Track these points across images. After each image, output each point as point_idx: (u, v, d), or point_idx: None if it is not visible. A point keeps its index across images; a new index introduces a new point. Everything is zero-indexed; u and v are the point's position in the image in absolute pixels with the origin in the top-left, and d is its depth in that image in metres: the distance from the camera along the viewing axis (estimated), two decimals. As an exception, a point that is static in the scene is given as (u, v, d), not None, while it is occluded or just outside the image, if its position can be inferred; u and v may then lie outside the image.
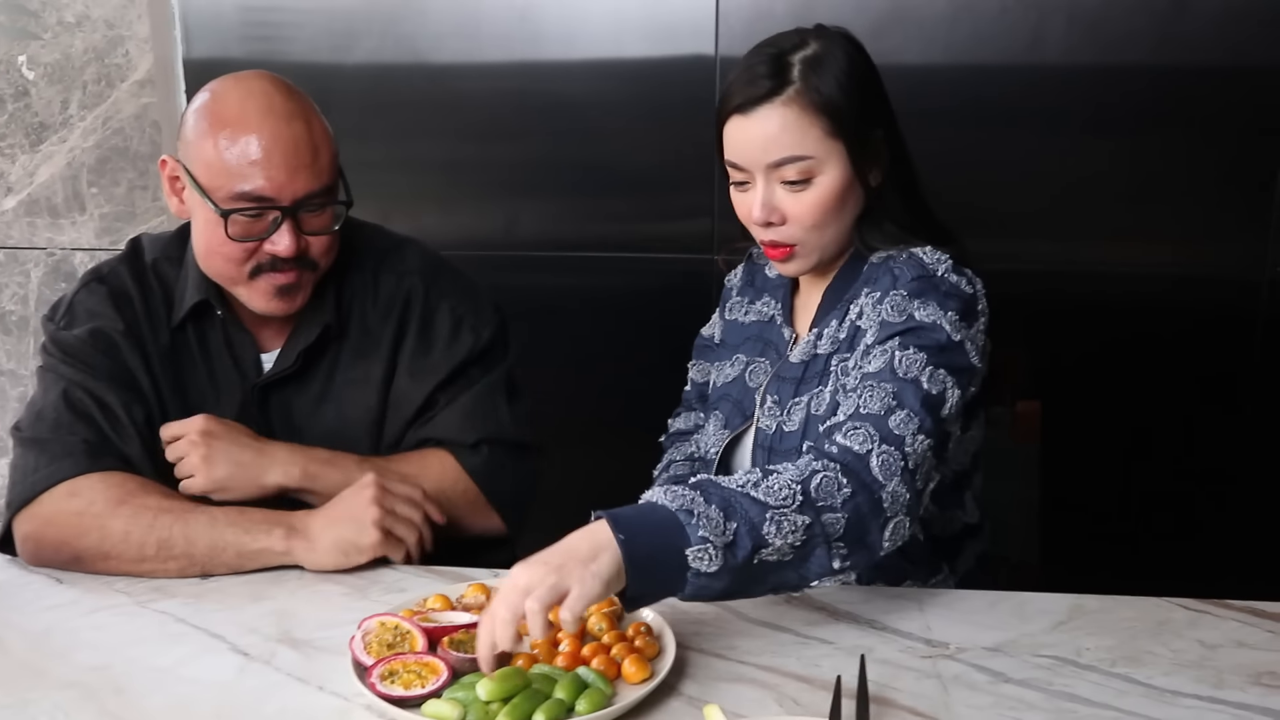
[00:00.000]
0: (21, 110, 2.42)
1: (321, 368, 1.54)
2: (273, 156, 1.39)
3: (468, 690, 1.06)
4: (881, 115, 1.39)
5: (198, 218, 1.45)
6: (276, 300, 1.46)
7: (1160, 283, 2.17)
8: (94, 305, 1.50)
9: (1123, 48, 2.08)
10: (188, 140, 1.43)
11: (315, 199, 1.42)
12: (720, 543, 1.08)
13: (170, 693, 1.12)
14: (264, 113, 1.40)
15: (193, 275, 1.51)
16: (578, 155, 2.27)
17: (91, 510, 1.36)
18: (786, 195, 1.35)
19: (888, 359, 1.28)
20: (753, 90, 1.33)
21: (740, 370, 1.53)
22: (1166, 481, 2.21)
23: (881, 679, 1.13)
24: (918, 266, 1.35)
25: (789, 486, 1.13)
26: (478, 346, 1.56)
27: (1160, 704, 1.09)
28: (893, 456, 1.20)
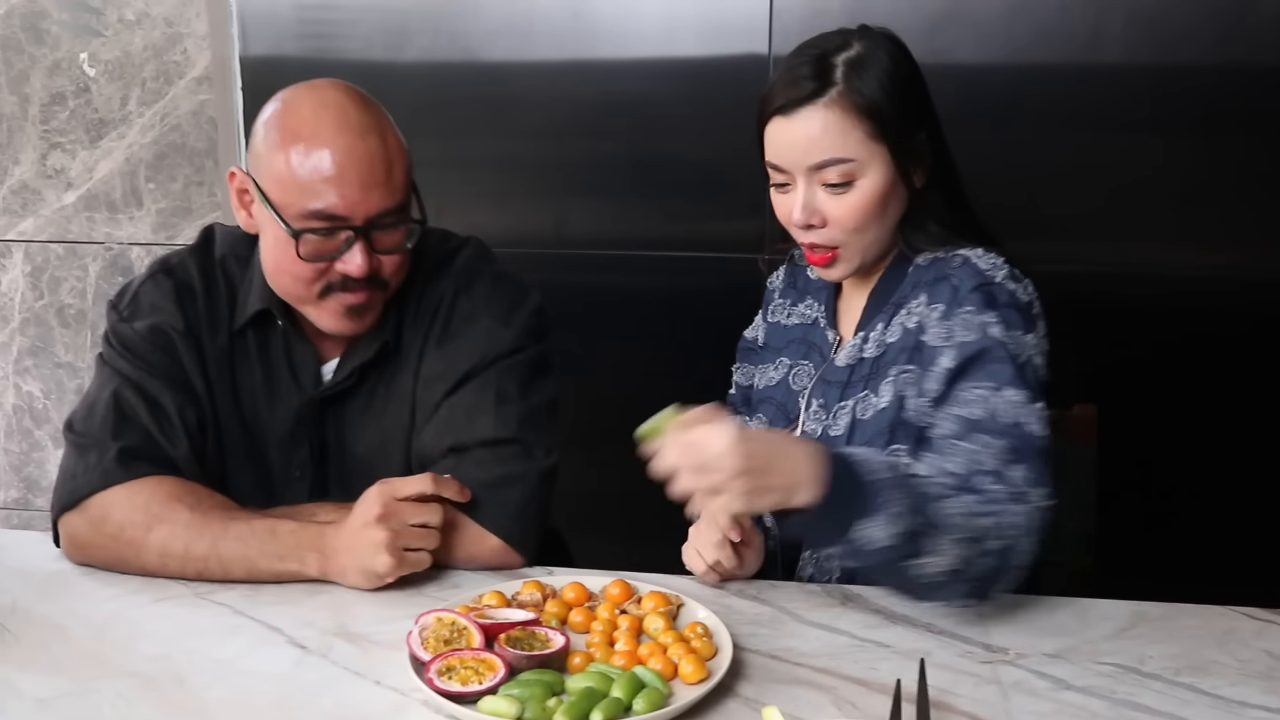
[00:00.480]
0: (82, 106, 2.45)
1: (368, 381, 1.49)
2: (346, 173, 1.33)
3: (524, 687, 1.07)
4: (925, 116, 1.37)
5: (267, 234, 1.41)
6: (346, 320, 1.41)
7: (1217, 285, 2.13)
8: (158, 299, 1.47)
9: (1182, 46, 2.05)
10: (258, 153, 1.38)
11: (388, 217, 1.37)
12: (897, 528, 1.12)
13: (229, 684, 1.13)
14: (338, 127, 1.34)
15: (257, 281, 1.47)
16: (630, 154, 2.27)
17: (125, 535, 1.35)
18: (828, 198, 1.34)
19: (985, 405, 1.25)
20: (795, 91, 1.32)
21: (784, 373, 1.51)
22: (1226, 487, 2.17)
23: (940, 684, 1.11)
24: (975, 274, 1.33)
25: (968, 509, 1.17)
26: (493, 350, 1.45)
27: (1227, 715, 1.07)
28: (1019, 516, 1.20)
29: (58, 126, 2.48)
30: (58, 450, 2.64)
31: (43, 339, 2.60)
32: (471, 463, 1.40)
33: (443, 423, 1.44)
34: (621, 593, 1.27)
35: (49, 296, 2.57)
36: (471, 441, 1.41)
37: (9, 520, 2.70)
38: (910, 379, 1.34)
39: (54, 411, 2.63)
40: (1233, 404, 2.15)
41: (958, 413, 1.27)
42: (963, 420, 1.26)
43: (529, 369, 1.47)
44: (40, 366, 2.62)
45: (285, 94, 1.40)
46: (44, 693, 1.12)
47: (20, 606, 1.30)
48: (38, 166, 2.51)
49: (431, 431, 1.44)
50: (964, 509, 1.17)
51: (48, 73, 2.45)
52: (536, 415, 1.44)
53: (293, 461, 1.50)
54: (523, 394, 1.44)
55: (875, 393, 1.37)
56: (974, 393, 1.27)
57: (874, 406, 1.36)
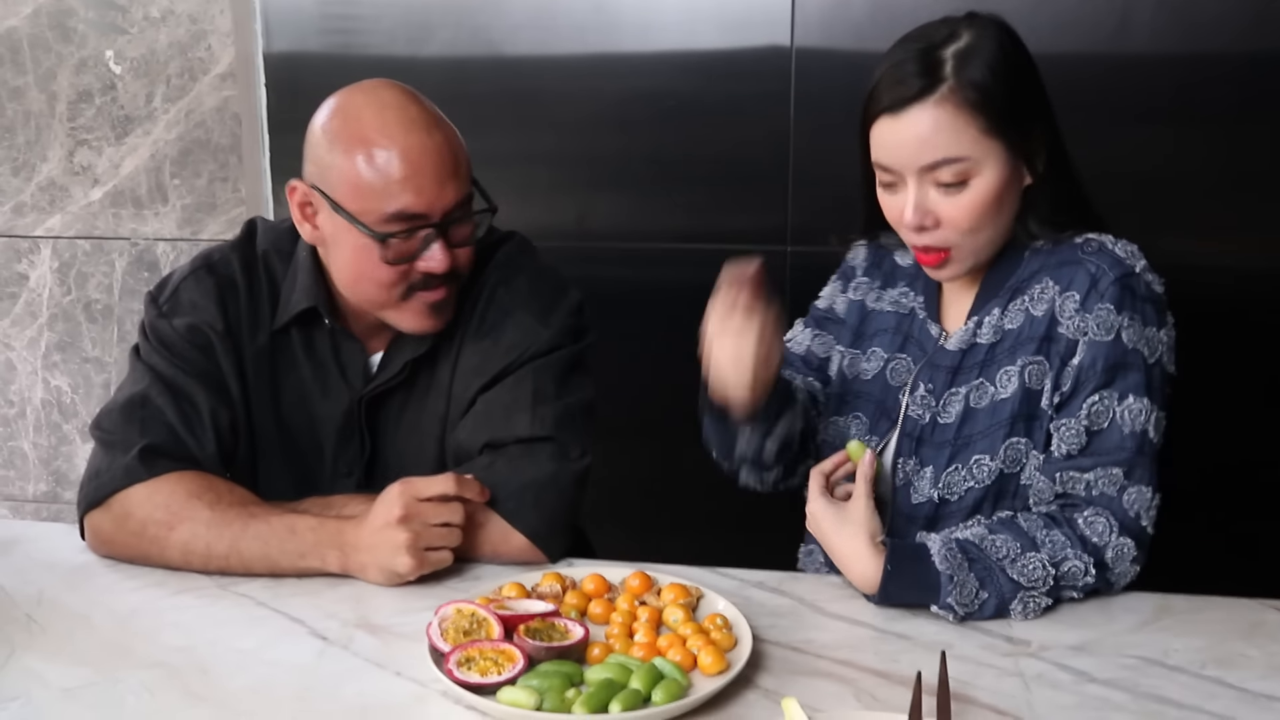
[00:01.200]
0: (108, 104, 2.47)
1: (411, 374, 1.48)
2: (422, 171, 1.32)
3: (543, 678, 1.07)
4: (1039, 106, 1.32)
5: (343, 244, 1.37)
6: (429, 319, 1.40)
7: (1248, 275, 2.10)
8: (198, 297, 1.45)
9: (1212, 35, 2.02)
10: (323, 163, 1.36)
11: (460, 210, 1.37)
12: (964, 610, 1.21)
13: (252, 675, 1.14)
14: (405, 125, 1.33)
15: (301, 279, 1.45)
16: (652, 147, 2.26)
17: (148, 533, 1.35)
18: (941, 198, 1.28)
19: (1110, 415, 1.28)
20: (902, 90, 1.26)
21: (879, 366, 1.44)
22: (1253, 479, 2.15)
23: (962, 676, 1.11)
24: (1115, 263, 1.29)
25: (1044, 569, 1.23)
26: (533, 347, 1.44)
27: (1254, 708, 1.06)
28: (1126, 547, 1.26)
29: (84, 124, 2.50)
30: (86, 445, 2.66)
31: (70, 334, 2.62)
32: (506, 460, 1.39)
33: (480, 418, 1.43)
34: (641, 584, 1.27)
35: (76, 292, 2.60)
36: (508, 439, 1.40)
37: (39, 514, 2.73)
38: (1039, 370, 1.31)
39: (82, 406, 2.65)
40: (1262, 395, 2.13)
41: (1084, 425, 1.28)
42: (1087, 433, 1.28)
43: (566, 367, 1.45)
44: (68, 361, 2.64)
45: (339, 100, 1.37)
46: (69, 682, 1.13)
47: (47, 597, 1.31)
48: (65, 163, 2.53)
49: (468, 427, 1.44)
50: (1039, 564, 1.23)
51: (74, 70, 2.47)
52: (573, 415, 1.43)
53: (340, 459, 1.50)
54: (559, 393, 1.43)
55: (992, 381, 1.33)
56: (1102, 403, 1.28)
57: (991, 396, 1.33)
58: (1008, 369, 1.33)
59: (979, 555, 1.23)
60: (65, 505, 2.72)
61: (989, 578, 1.21)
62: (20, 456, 2.72)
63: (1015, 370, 1.32)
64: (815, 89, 2.16)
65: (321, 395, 1.49)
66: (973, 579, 1.21)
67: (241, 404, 1.46)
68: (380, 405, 1.49)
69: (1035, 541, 1.24)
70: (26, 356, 2.66)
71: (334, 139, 1.34)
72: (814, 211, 2.18)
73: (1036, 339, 1.31)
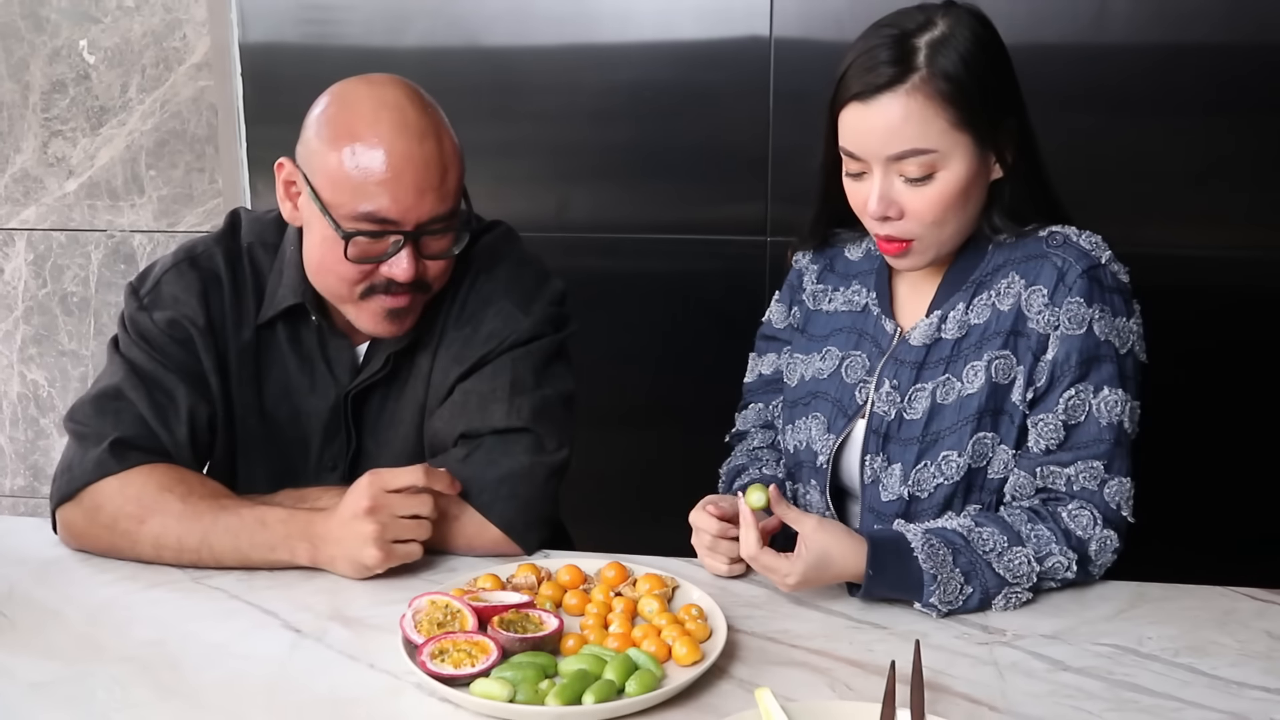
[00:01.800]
0: (82, 94, 2.45)
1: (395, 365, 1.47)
2: (402, 177, 1.30)
3: (517, 670, 1.06)
4: (1011, 100, 1.30)
5: (313, 231, 1.37)
6: (385, 323, 1.38)
7: (1225, 264, 2.11)
8: (180, 291, 1.44)
9: (1190, 26, 2.02)
10: (310, 147, 1.34)
11: (438, 223, 1.34)
12: (947, 608, 1.21)
13: (224, 668, 1.13)
14: (396, 128, 1.30)
15: (289, 274, 1.44)
16: (631, 138, 2.25)
17: (119, 526, 1.34)
18: (906, 189, 1.27)
19: (1087, 408, 1.28)
20: (874, 77, 1.24)
21: (835, 365, 1.44)
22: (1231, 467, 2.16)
23: (936, 665, 1.11)
24: (1080, 255, 1.29)
25: (1028, 565, 1.23)
26: (512, 336, 1.42)
27: (1226, 695, 1.06)
28: (1109, 540, 1.27)
29: (58, 114, 2.47)
30: (62, 438, 2.64)
31: (46, 327, 2.60)
32: (482, 452, 1.38)
33: (456, 408, 1.42)
34: (617, 575, 1.27)
35: (52, 285, 2.58)
36: (484, 429, 1.39)
37: (15, 508, 2.71)
38: (1006, 365, 1.31)
39: (58, 399, 2.63)
40: (1239, 383, 2.13)
41: (1061, 419, 1.28)
42: (1064, 427, 1.28)
43: (546, 357, 1.44)
44: (44, 355, 2.62)
45: (342, 88, 1.35)
46: (39, 677, 1.12)
47: (17, 592, 1.30)
48: (39, 154, 2.50)
49: (444, 416, 1.43)
50: (1025, 559, 1.23)
51: (48, 60, 2.45)
52: (551, 407, 1.42)
53: (325, 453, 1.48)
54: (538, 383, 1.42)
55: (958, 376, 1.33)
56: (1078, 397, 1.28)
57: (958, 391, 1.32)
58: (974, 364, 1.32)
59: (964, 548, 1.22)
60: (43, 500, 2.70)
61: (974, 572, 1.21)
62: (-4, 450, 2.70)
63: (981, 365, 1.32)
64: (794, 80, 2.15)
65: (309, 390, 1.47)
66: (958, 574, 1.21)
67: (222, 399, 1.45)
68: (365, 398, 1.48)
69: (1021, 536, 1.24)
70: (2, 350, 2.64)
71: (325, 126, 1.33)
72: (793, 202, 2.18)
73: (1003, 333, 1.31)
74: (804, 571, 1.20)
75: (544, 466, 1.39)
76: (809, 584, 1.22)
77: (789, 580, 1.21)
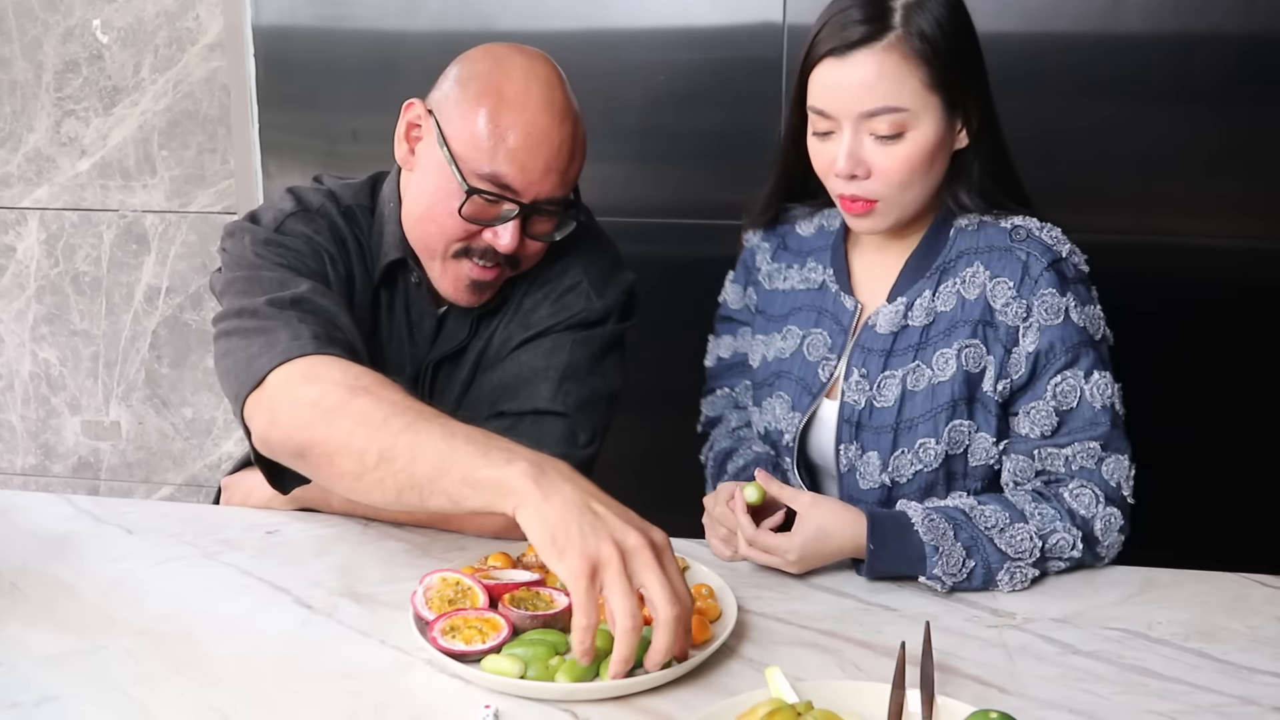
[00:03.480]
0: (96, 74, 2.46)
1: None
2: (536, 150, 1.30)
3: (528, 647, 1.07)
4: (978, 72, 1.33)
5: (429, 176, 1.34)
6: (466, 291, 1.38)
7: (1239, 254, 2.11)
8: (312, 233, 1.36)
9: (1204, 14, 2.02)
10: (451, 97, 1.33)
11: (552, 204, 1.34)
12: (951, 580, 1.22)
13: (236, 642, 1.14)
14: (543, 103, 1.31)
15: (390, 230, 1.41)
16: (643, 122, 2.25)
17: (325, 402, 1.13)
18: (875, 148, 1.28)
19: (1078, 394, 1.30)
20: (849, 33, 1.25)
21: (796, 343, 1.45)
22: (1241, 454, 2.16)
23: (946, 647, 1.11)
24: (1043, 249, 1.31)
25: (1031, 540, 1.24)
26: (582, 314, 1.42)
27: (1236, 680, 1.06)
28: (1114, 517, 1.28)
29: (71, 94, 2.48)
30: (74, 417, 2.66)
31: (58, 306, 2.61)
32: (516, 435, 1.30)
33: (508, 376, 1.40)
34: (627, 555, 1.27)
35: (64, 264, 2.58)
36: (525, 408, 1.38)
37: (26, 486, 2.72)
38: (976, 354, 1.32)
39: (69, 379, 2.64)
40: (1253, 371, 2.13)
41: (1052, 405, 1.30)
42: (1057, 413, 1.30)
43: (605, 346, 1.44)
44: (56, 334, 2.63)
45: (496, 49, 1.35)
46: (53, 650, 1.13)
47: (31, 566, 1.31)
48: (52, 134, 2.51)
49: (493, 381, 1.41)
50: (1027, 535, 1.24)
51: (61, 40, 2.45)
52: (596, 400, 1.41)
53: None
54: (591, 371, 1.41)
55: (929, 364, 1.34)
56: (1067, 383, 1.30)
57: (929, 379, 1.33)
58: (944, 351, 1.33)
59: (966, 524, 1.23)
60: (53, 478, 2.71)
61: (975, 547, 1.22)
62: (8, 429, 2.71)
63: (952, 353, 1.33)
64: None
65: (391, 360, 1.43)
66: (959, 548, 1.21)
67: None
68: (442, 367, 1.46)
69: (1024, 514, 1.25)
70: (14, 329, 2.65)
71: (471, 81, 1.32)
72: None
73: (971, 322, 1.33)
74: (803, 545, 1.21)
75: (574, 461, 1.32)
76: (809, 560, 1.23)
77: (790, 556, 1.22)
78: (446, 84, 1.35)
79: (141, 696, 1.05)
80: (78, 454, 2.70)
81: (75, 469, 2.71)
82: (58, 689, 1.06)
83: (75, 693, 1.05)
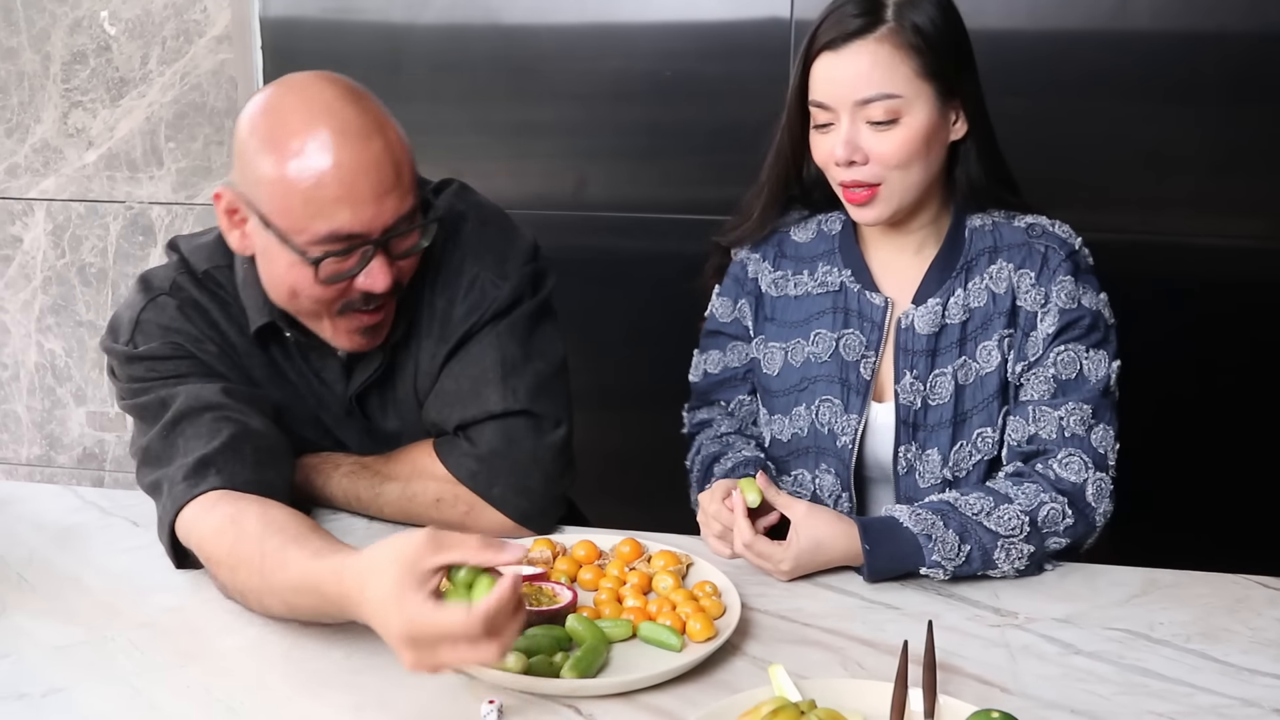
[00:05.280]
0: (103, 65, 2.46)
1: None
2: (358, 186, 1.19)
3: (531, 642, 1.07)
4: (968, 66, 1.38)
5: (275, 259, 1.25)
6: (360, 338, 1.31)
7: (1245, 254, 2.11)
8: (167, 321, 1.33)
9: (1212, 13, 2.02)
10: (250, 171, 1.22)
11: (404, 223, 1.24)
12: (952, 566, 1.24)
13: (242, 635, 1.15)
14: (339, 133, 1.18)
15: (249, 295, 1.34)
16: (649, 118, 2.25)
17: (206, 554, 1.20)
18: (871, 134, 1.33)
19: (1077, 365, 1.35)
20: (845, 26, 1.32)
21: (831, 346, 1.44)
22: (1245, 456, 2.16)
23: (948, 646, 1.11)
24: (1060, 242, 1.38)
25: (1019, 517, 1.27)
26: (493, 305, 1.35)
27: (1237, 681, 1.06)
28: (1104, 482, 1.33)
29: (79, 85, 2.48)
30: (79, 408, 2.67)
31: (64, 297, 2.62)
32: (484, 443, 1.34)
33: (450, 396, 1.36)
34: (632, 551, 1.28)
35: (70, 255, 2.59)
36: (481, 415, 1.34)
37: (31, 476, 2.73)
38: (1011, 341, 1.38)
39: (75, 370, 2.65)
40: (1255, 373, 2.13)
41: (1051, 373, 1.35)
42: (1055, 380, 1.35)
43: (530, 323, 1.38)
44: (62, 325, 2.63)
45: (269, 98, 1.23)
46: (60, 640, 1.13)
47: (38, 557, 1.32)
48: (59, 125, 2.51)
49: (438, 404, 1.37)
50: (1014, 513, 1.27)
51: (69, 31, 2.45)
52: (545, 382, 1.37)
53: (355, 450, 1.44)
54: (528, 355, 1.36)
55: (974, 357, 1.39)
56: (1069, 353, 1.35)
57: (977, 371, 1.39)
58: (985, 344, 1.39)
59: (952, 513, 1.26)
60: (58, 469, 2.72)
61: (967, 531, 1.25)
62: (14, 420, 2.72)
63: (993, 345, 1.39)
64: None
65: (316, 404, 1.42)
66: (951, 534, 1.24)
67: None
68: (367, 393, 1.42)
69: (1006, 496, 1.29)
70: (20, 319, 2.65)
71: (261, 145, 1.20)
72: (811, 184, 2.18)
73: (1004, 313, 1.39)
74: (797, 557, 1.24)
75: (548, 449, 1.36)
76: (802, 569, 1.26)
77: (782, 567, 1.25)
78: (243, 160, 1.23)
79: (147, 688, 1.06)
80: (83, 445, 2.71)
81: (80, 460, 2.71)
82: (64, 680, 1.07)
83: (81, 684, 1.06)
